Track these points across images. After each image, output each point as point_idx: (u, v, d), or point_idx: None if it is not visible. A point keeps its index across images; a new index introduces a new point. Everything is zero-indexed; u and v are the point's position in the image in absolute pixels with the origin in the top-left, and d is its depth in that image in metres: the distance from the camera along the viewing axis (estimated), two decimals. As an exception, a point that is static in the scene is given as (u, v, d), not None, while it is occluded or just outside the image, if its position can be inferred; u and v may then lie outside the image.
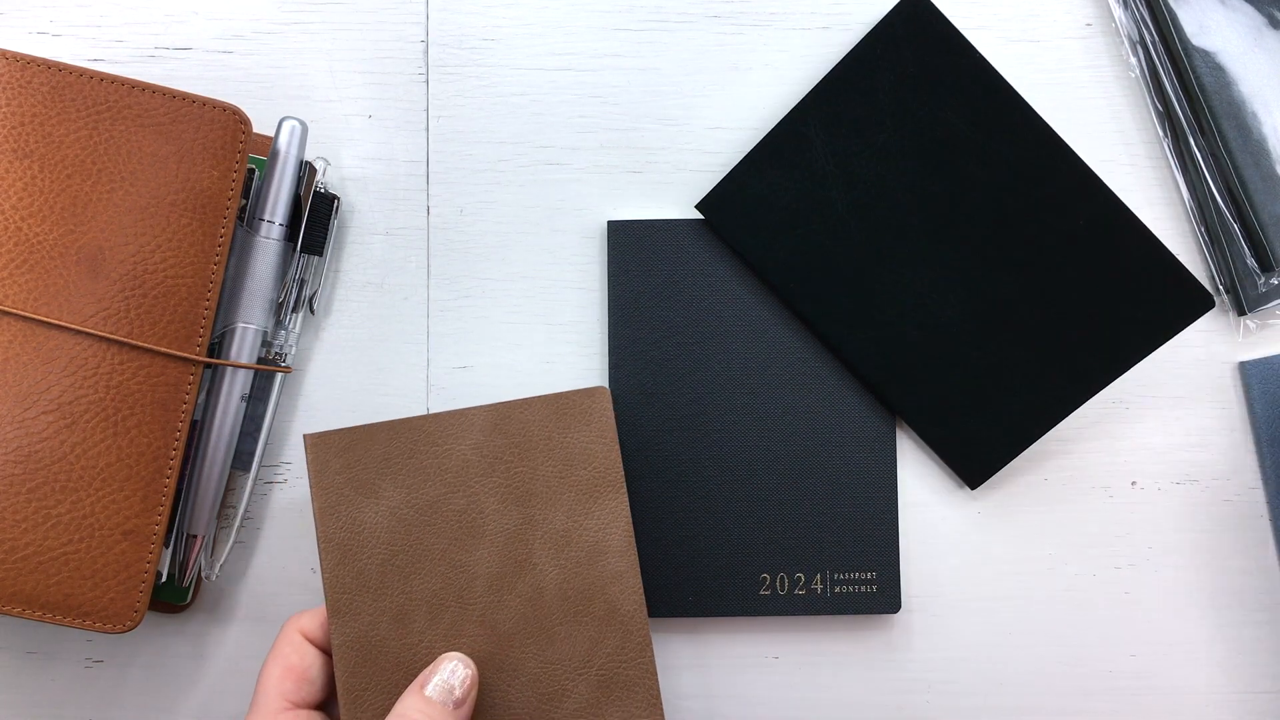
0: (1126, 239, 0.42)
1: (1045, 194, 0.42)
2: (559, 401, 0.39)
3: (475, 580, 0.38)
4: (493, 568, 0.38)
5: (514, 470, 0.38)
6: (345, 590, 0.37)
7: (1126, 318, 0.41)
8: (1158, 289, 0.42)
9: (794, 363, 0.43)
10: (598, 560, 0.38)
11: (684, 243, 0.43)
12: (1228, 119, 0.43)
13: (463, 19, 0.44)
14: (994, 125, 0.42)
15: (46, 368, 0.37)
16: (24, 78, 0.38)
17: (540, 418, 0.39)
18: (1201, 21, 0.43)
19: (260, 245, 0.41)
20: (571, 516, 0.38)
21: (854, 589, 0.42)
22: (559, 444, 0.38)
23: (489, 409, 0.38)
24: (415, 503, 0.38)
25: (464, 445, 0.38)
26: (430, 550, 0.38)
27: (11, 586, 0.37)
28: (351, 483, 0.38)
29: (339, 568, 0.37)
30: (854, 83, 0.42)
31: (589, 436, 0.39)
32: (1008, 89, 0.42)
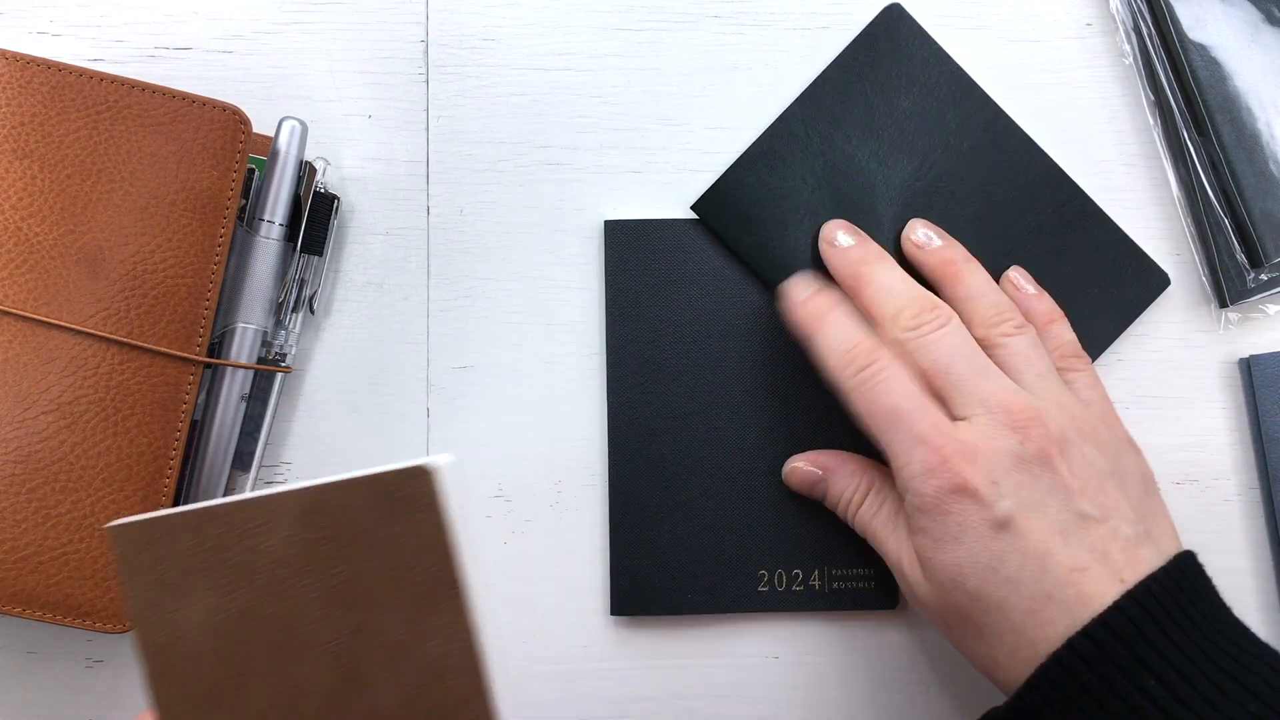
0: (1090, 227, 0.43)
1: (1017, 188, 0.43)
2: (378, 484, 0.30)
3: (304, 699, 0.30)
4: (324, 686, 0.30)
5: (334, 569, 0.30)
6: (172, 708, 0.31)
7: (1095, 301, 0.43)
8: (1120, 273, 0.43)
9: (792, 360, 0.43)
10: (440, 682, 0.30)
11: (681, 242, 0.43)
12: (1222, 114, 0.43)
13: (463, 19, 0.44)
14: (968, 126, 0.43)
15: (46, 368, 0.37)
16: (24, 78, 0.38)
17: (359, 504, 0.31)
18: (1199, 15, 0.43)
19: (260, 245, 0.41)
20: (407, 627, 0.30)
21: (851, 585, 0.42)
22: (383, 537, 0.30)
23: (299, 493, 0.31)
24: (229, 608, 0.31)
25: (275, 540, 0.31)
26: (254, 663, 0.31)
27: (11, 586, 0.37)
28: (161, 583, 0.31)
29: (162, 682, 0.31)
30: (841, 87, 0.43)
31: (416, 529, 0.30)
32: (981, 93, 0.43)
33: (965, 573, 0.34)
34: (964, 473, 0.34)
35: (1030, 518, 0.34)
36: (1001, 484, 0.34)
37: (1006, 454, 0.34)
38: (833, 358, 0.38)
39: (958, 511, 0.34)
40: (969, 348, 0.37)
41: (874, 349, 0.37)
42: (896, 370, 0.36)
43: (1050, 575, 0.33)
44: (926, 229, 0.41)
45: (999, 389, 0.36)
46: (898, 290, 0.38)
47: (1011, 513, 0.34)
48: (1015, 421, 0.35)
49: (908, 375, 0.36)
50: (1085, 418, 0.36)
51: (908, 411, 0.36)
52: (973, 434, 0.35)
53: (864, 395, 0.37)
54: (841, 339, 0.38)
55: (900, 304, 0.38)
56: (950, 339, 0.37)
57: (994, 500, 0.34)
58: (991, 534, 0.34)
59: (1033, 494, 0.34)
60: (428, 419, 0.43)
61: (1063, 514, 0.34)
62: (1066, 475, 0.34)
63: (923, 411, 0.36)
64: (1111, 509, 0.34)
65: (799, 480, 0.42)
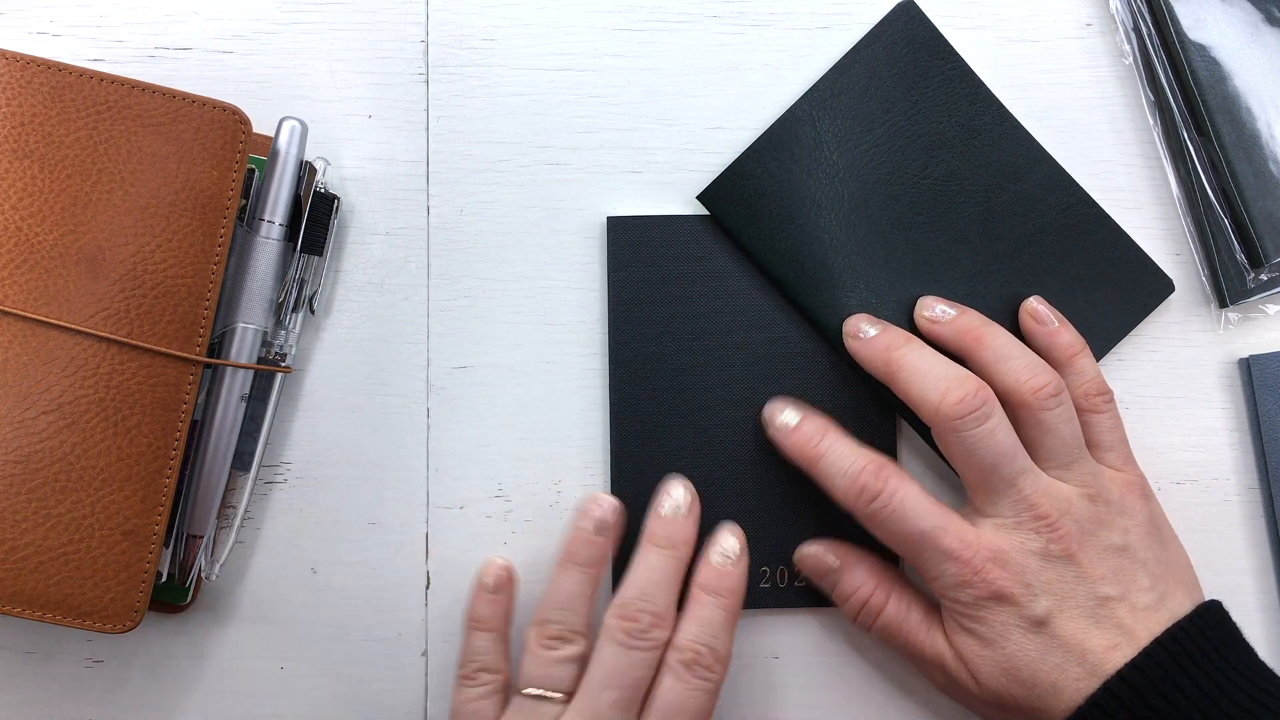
0: (1094, 230, 0.43)
1: (1022, 190, 0.43)
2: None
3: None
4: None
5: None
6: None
7: (1099, 305, 0.43)
8: (1124, 277, 0.43)
9: (794, 357, 0.43)
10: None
11: (683, 238, 0.43)
12: (1222, 114, 0.43)
13: (463, 19, 0.44)
14: (975, 126, 0.43)
15: (46, 368, 0.37)
16: (24, 78, 0.38)
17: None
18: (1198, 15, 0.43)
19: (260, 245, 0.41)
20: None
21: None
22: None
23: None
24: None
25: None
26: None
27: (11, 586, 0.37)
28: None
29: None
30: (851, 82, 0.43)
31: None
32: (988, 93, 0.43)
33: (1018, 664, 0.37)
34: (997, 581, 0.37)
35: (1063, 611, 0.37)
36: (1034, 585, 0.37)
37: (1035, 554, 0.37)
38: (841, 489, 0.39)
39: (999, 614, 0.37)
40: (1012, 446, 0.38)
41: (878, 471, 0.38)
42: (908, 490, 0.38)
43: (1092, 656, 0.36)
44: (938, 304, 0.42)
45: (1031, 490, 0.38)
46: (934, 372, 0.39)
47: (1048, 610, 0.37)
48: (1043, 524, 0.37)
49: (919, 492, 0.38)
50: (1102, 492, 0.39)
51: (929, 531, 0.37)
52: (1000, 538, 0.38)
53: (883, 524, 0.38)
54: (844, 466, 0.39)
55: (941, 389, 0.38)
56: (998, 437, 0.38)
57: (1030, 601, 0.37)
58: (1035, 629, 0.37)
59: (1061, 587, 0.37)
60: (428, 419, 0.43)
61: (1089, 600, 0.37)
62: (1087, 565, 0.37)
63: (945, 527, 0.38)
64: (1128, 584, 0.38)
65: (810, 566, 0.42)
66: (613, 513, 0.41)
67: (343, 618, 0.42)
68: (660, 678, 0.38)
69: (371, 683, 0.42)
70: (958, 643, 0.38)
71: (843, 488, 0.39)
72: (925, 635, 0.40)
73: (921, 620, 0.40)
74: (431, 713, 0.42)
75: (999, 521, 0.38)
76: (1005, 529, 0.38)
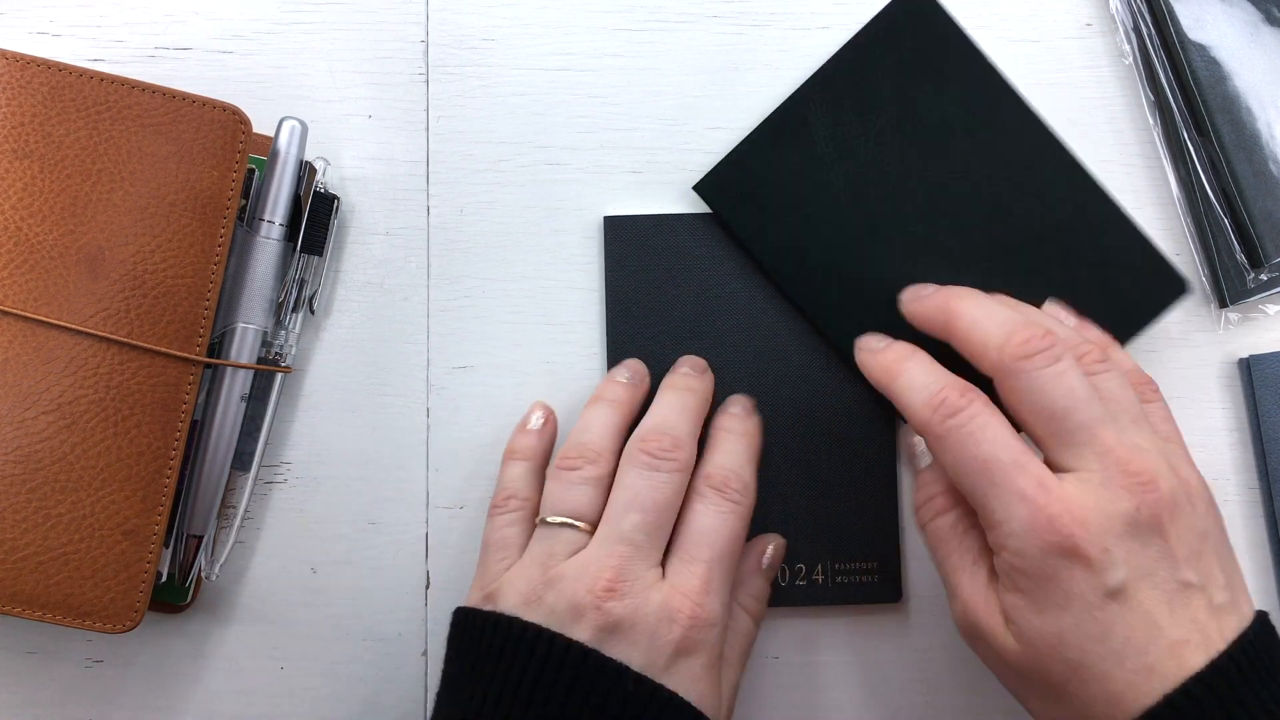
0: (1109, 227, 0.42)
1: (1035, 184, 0.42)
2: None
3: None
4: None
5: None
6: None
7: (1109, 304, 0.42)
8: (1137, 276, 0.42)
9: (793, 354, 0.43)
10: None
11: (681, 237, 0.43)
12: (1222, 114, 0.43)
13: (463, 19, 0.44)
14: (988, 116, 0.42)
15: (46, 368, 0.37)
16: (24, 78, 0.38)
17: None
18: (1198, 15, 0.43)
19: (260, 245, 0.41)
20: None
21: (855, 579, 0.42)
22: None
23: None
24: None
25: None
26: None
27: (11, 586, 0.37)
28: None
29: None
30: (855, 69, 0.42)
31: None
32: (1002, 81, 0.42)
33: (1068, 641, 0.33)
34: (1075, 535, 0.32)
35: (1141, 587, 0.32)
36: (1114, 551, 0.32)
37: (1121, 518, 0.32)
38: (918, 402, 0.35)
39: (1066, 576, 0.32)
40: (1088, 391, 0.34)
41: (965, 391, 0.35)
42: (991, 416, 0.34)
43: (1156, 648, 0.32)
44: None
45: (1117, 443, 0.33)
46: (999, 315, 0.36)
47: (1124, 582, 0.32)
48: (1133, 482, 0.33)
49: (1004, 422, 0.34)
50: (1180, 470, 0.34)
51: (1006, 463, 0.33)
52: (1084, 493, 0.33)
53: (955, 444, 0.34)
54: (927, 382, 0.36)
55: (1006, 329, 0.35)
56: (1070, 378, 0.34)
57: (1106, 567, 0.32)
58: (1101, 603, 0.32)
59: (1143, 562, 0.32)
60: (428, 419, 0.43)
61: (1170, 583, 0.32)
62: (1175, 541, 0.33)
63: (1023, 464, 0.33)
64: (1208, 575, 0.33)
65: (907, 448, 0.40)
66: (639, 368, 0.41)
67: (343, 618, 0.42)
68: (690, 503, 0.37)
69: (371, 683, 0.42)
70: (1007, 601, 0.34)
71: (920, 403, 0.35)
72: (970, 568, 0.35)
73: (977, 552, 0.36)
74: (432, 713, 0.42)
75: (1084, 475, 0.33)
76: (1091, 485, 0.33)
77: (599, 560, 0.35)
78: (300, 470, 0.43)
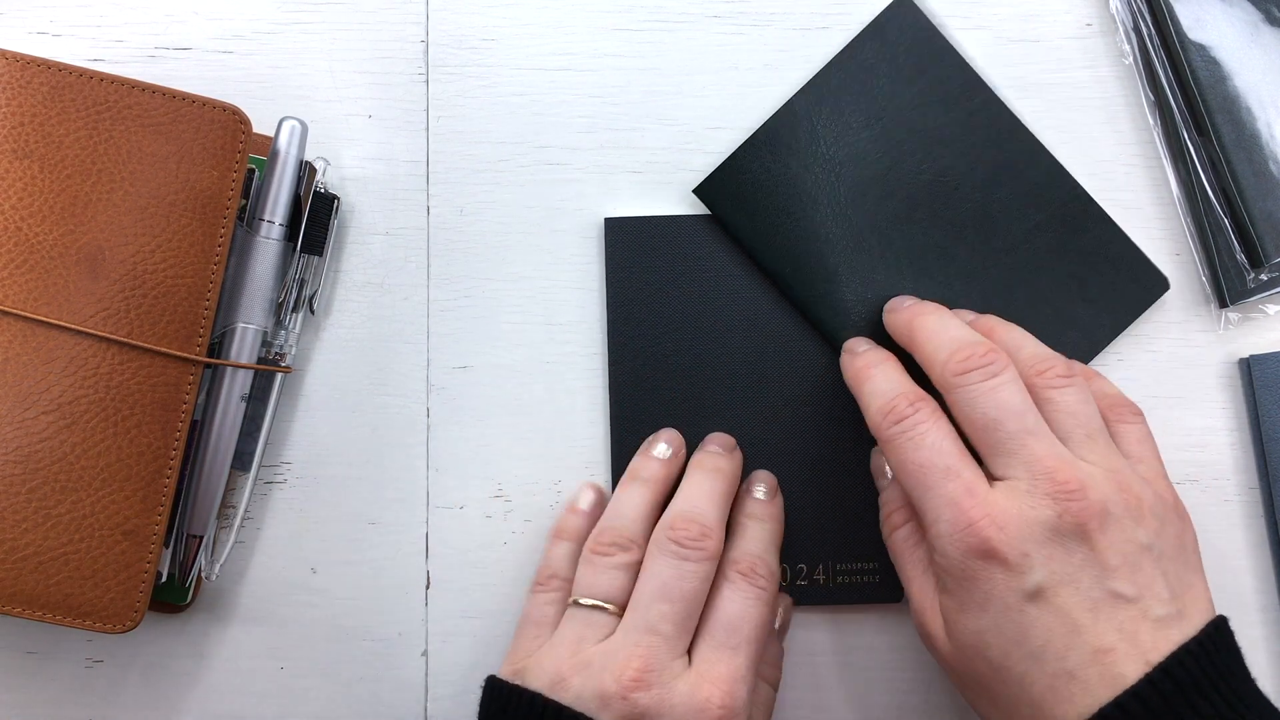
0: (1091, 227, 0.43)
1: (1020, 186, 0.43)
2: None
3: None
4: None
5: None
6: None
7: (1093, 302, 0.43)
8: (1120, 274, 0.43)
9: (793, 355, 0.43)
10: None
11: (681, 238, 0.43)
12: (1222, 114, 0.43)
13: (463, 19, 0.44)
14: (973, 121, 0.43)
15: (46, 368, 0.37)
16: (24, 78, 0.38)
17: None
18: (1198, 15, 0.43)
19: (260, 245, 0.41)
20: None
21: (856, 579, 0.42)
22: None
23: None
24: None
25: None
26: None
27: (11, 586, 0.37)
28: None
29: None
30: (850, 75, 0.43)
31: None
32: (986, 88, 0.43)
33: (988, 641, 0.34)
34: (992, 539, 0.33)
35: (1060, 592, 0.33)
36: (1033, 555, 0.33)
37: (1041, 524, 0.33)
38: (874, 408, 0.37)
39: (985, 578, 0.33)
40: (1021, 403, 0.35)
41: (914, 402, 0.36)
42: (934, 426, 0.36)
43: (1075, 653, 0.32)
44: (967, 315, 0.41)
45: (1046, 453, 0.34)
46: (949, 333, 0.37)
47: (1042, 584, 0.33)
48: (1057, 490, 0.33)
49: (946, 432, 0.36)
50: (1131, 485, 0.34)
51: (940, 470, 0.35)
52: (1008, 500, 0.34)
53: (898, 449, 0.36)
54: (886, 390, 0.37)
55: (952, 346, 0.36)
56: (1002, 392, 0.35)
57: (1024, 570, 0.33)
58: (1019, 604, 0.33)
59: (1065, 568, 0.33)
60: (428, 419, 0.43)
61: (1095, 590, 0.33)
62: (1104, 550, 0.33)
63: (955, 471, 0.35)
64: (1146, 588, 0.33)
65: (874, 467, 0.42)
66: (677, 441, 0.42)
67: (343, 618, 0.42)
68: (718, 589, 0.37)
69: (371, 683, 0.42)
70: (942, 602, 0.36)
71: (875, 408, 0.37)
72: (920, 577, 0.37)
73: (926, 562, 0.37)
74: (431, 712, 0.42)
75: (1011, 483, 0.34)
76: (1016, 492, 0.34)
77: (626, 649, 0.35)
78: (300, 470, 0.43)
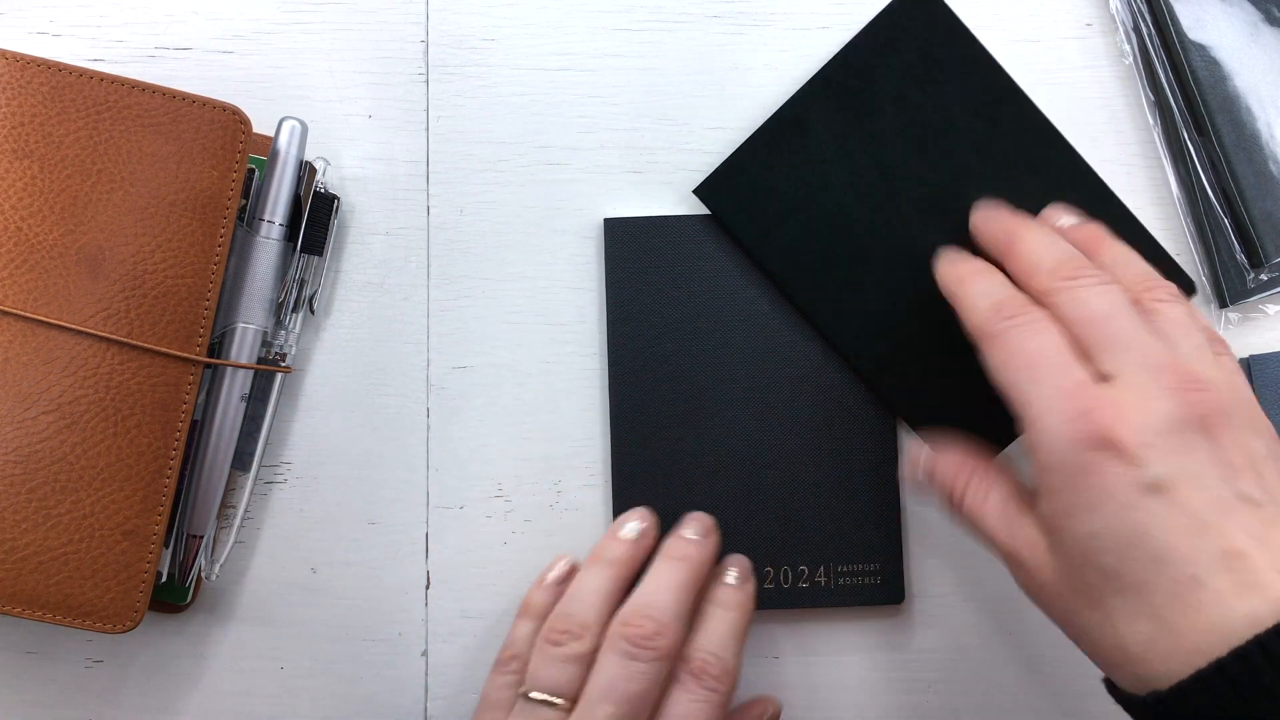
0: (1115, 227, 0.42)
1: (1040, 184, 0.42)
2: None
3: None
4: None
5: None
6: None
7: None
8: None
9: (794, 355, 0.43)
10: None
11: (681, 239, 0.43)
12: (1222, 114, 0.43)
13: (463, 19, 0.44)
14: (992, 115, 0.42)
15: (46, 368, 0.37)
16: (24, 78, 0.38)
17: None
18: (1199, 15, 0.43)
19: (260, 245, 0.41)
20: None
21: (857, 581, 0.42)
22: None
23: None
24: None
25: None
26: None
27: (11, 586, 0.37)
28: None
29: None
30: (856, 70, 0.42)
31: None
32: (1007, 79, 0.42)
33: (1103, 545, 0.30)
34: (1111, 425, 0.30)
35: (1184, 487, 0.29)
36: (1156, 445, 0.30)
37: (1162, 415, 0.30)
38: (981, 305, 0.35)
39: (1099, 471, 0.30)
40: (1129, 307, 0.33)
41: (1027, 304, 0.35)
42: (1047, 325, 0.34)
43: (1202, 556, 0.28)
44: (1070, 214, 0.39)
45: (1160, 349, 0.32)
46: (1057, 246, 0.36)
47: (1164, 477, 0.29)
48: (1176, 383, 0.31)
49: (1059, 333, 0.33)
50: (1246, 395, 0.32)
51: (1054, 362, 0.32)
52: (1125, 391, 0.31)
53: (1007, 341, 0.34)
54: (994, 292, 0.36)
55: (1060, 258, 0.35)
56: (1113, 293, 0.33)
57: (1145, 460, 0.30)
58: (1138, 500, 0.29)
59: (1189, 462, 0.30)
60: (428, 419, 0.43)
61: (1221, 489, 0.29)
62: (1228, 449, 0.30)
63: (1068, 367, 0.32)
64: (1273, 495, 0.30)
65: (909, 461, 0.41)
66: (647, 522, 0.40)
67: (343, 618, 0.42)
68: (670, 690, 0.36)
69: (371, 683, 0.42)
70: (1044, 510, 0.32)
71: (986, 306, 0.35)
72: (1002, 516, 0.34)
73: (1003, 501, 0.35)
74: (431, 712, 0.42)
75: (1127, 379, 0.31)
76: (1133, 385, 0.31)
77: None
78: (300, 470, 0.43)
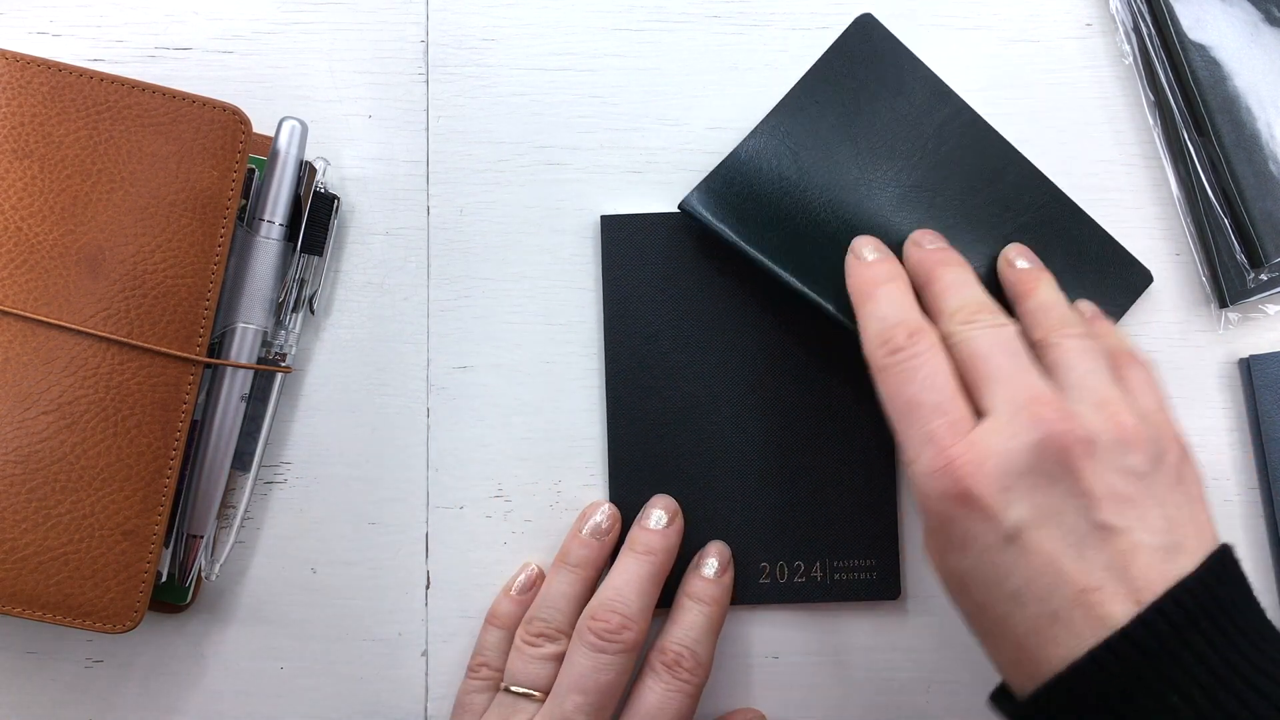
0: (1071, 227, 0.43)
1: (998, 192, 0.43)
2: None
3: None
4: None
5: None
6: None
7: (1080, 300, 0.42)
8: (1104, 271, 0.43)
9: (791, 352, 0.43)
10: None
11: (678, 236, 0.43)
12: (1222, 114, 0.43)
13: (463, 19, 0.44)
14: (947, 132, 0.43)
15: (46, 368, 0.37)
16: (24, 78, 0.38)
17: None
18: (1199, 15, 0.43)
19: (260, 245, 0.41)
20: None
21: (853, 576, 0.42)
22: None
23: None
24: None
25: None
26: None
27: (11, 586, 0.37)
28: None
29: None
30: (815, 97, 0.43)
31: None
32: (957, 99, 0.43)
33: (969, 583, 0.33)
34: (968, 481, 0.32)
35: (1041, 530, 0.31)
36: (1013, 489, 0.32)
37: (1022, 453, 0.32)
38: (872, 332, 0.36)
39: (961, 522, 0.32)
40: (1016, 345, 0.34)
41: (915, 332, 0.35)
42: (931, 359, 0.34)
43: (1058, 594, 0.31)
44: (1022, 258, 0.41)
45: (1031, 384, 0.33)
46: (964, 291, 0.37)
47: (1021, 524, 0.31)
48: (1040, 417, 0.32)
49: (941, 366, 0.34)
50: (1122, 415, 0.33)
51: (926, 405, 0.33)
52: (989, 433, 0.32)
53: (889, 378, 0.35)
54: (888, 314, 0.36)
55: (962, 302, 0.36)
56: (1001, 334, 0.35)
57: (1002, 510, 0.31)
58: (998, 547, 0.32)
59: (1047, 500, 0.31)
60: (428, 419, 0.43)
61: (1079, 524, 0.31)
62: (1089, 479, 0.31)
63: (942, 408, 0.33)
64: (1136, 519, 0.31)
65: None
66: (609, 519, 0.41)
67: (343, 618, 0.42)
68: (641, 679, 0.39)
69: (371, 683, 0.42)
70: (926, 542, 0.34)
71: (873, 333, 0.36)
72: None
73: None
74: (431, 712, 0.42)
75: (995, 415, 0.33)
76: (997, 424, 0.32)
77: None
78: (300, 470, 0.43)
